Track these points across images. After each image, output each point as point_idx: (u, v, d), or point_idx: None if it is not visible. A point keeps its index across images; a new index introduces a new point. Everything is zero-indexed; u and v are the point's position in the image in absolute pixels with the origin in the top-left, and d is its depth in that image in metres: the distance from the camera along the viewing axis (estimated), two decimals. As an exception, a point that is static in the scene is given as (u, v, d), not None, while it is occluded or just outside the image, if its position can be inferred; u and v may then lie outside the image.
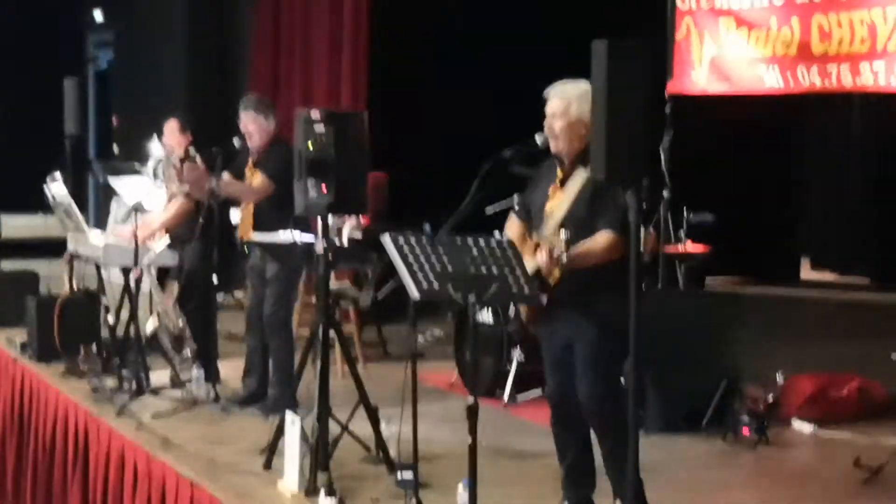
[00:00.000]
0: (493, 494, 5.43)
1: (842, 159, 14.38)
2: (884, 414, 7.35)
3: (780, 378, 7.39)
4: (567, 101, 5.26)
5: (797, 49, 7.89)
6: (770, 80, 8.12)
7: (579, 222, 5.20)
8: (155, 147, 8.07)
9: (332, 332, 6.22)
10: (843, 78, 7.70)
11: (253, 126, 7.45)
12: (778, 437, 6.95)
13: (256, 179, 7.42)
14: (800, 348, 9.13)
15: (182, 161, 7.75)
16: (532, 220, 5.42)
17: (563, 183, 5.31)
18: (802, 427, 7.18)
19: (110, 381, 7.70)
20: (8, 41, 14.79)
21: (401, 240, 4.89)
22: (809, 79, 7.89)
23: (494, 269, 4.79)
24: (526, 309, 5.43)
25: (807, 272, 14.28)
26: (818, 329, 10.15)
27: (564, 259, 4.96)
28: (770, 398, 7.14)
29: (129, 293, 7.90)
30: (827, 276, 14.10)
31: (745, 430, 6.84)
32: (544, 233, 5.31)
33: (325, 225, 6.21)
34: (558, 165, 5.35)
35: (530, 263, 5.01)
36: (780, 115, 12.20)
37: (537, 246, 5.22)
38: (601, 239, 5.13)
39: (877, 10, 7.47)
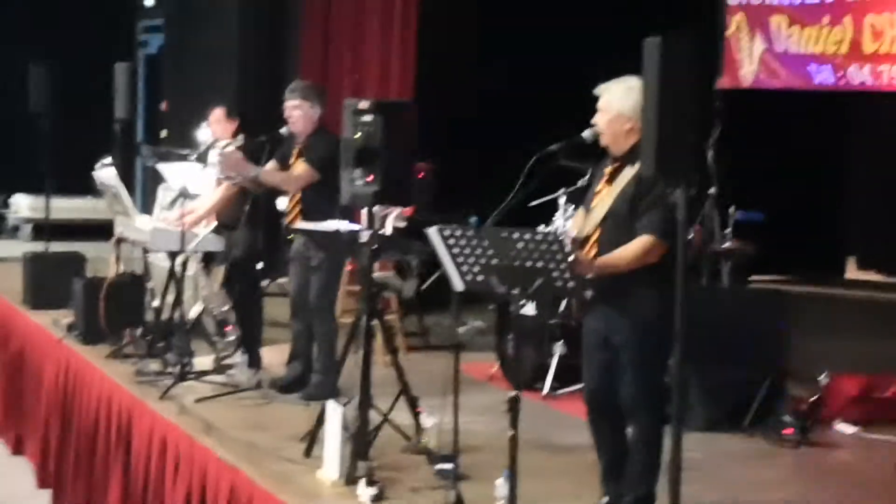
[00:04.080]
0: (532, 487, 5.43)
1: (891, 159, 14.26)
2: (928, 417, 7.30)
3: (823, 378, 7.35)
4: (609, 98, 5.29)
5: (849, 47, 7.85)
6: (820, 78, 8.09)
7: (619, 220, 5.20)
8: (203, 133, 8.11)
9: (374, 321, 6.23)
10: (894, 77, 7.64)
11: (297, 112, 7.45)
12: (820, 437, 6.91)
13: (298, 167, 7.44)
14: (844, 349, 9.07)
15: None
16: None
17: (611, 179, 5.31)
18: (845, 428, 7.13)
19: (154, 365, 7.74)
20: (59, 25, 14.89)
21: (446, 231, 4.90)
22: (860, 77, 7.84)
23: (539, 263, 4.79)
24: (575, 301, 5.44)
25: (853, 272, 14.18)
26: (863, 330, 10.07)
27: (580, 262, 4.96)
28: (813, 398, 7.10)
29: (175, 277, 7.94)
30: (873, 276, 14.00)
31: (788, 430, 6.81)
32: (585, 228, 5.32)
33: (371, 214, 6.22)
34: (610, 162, 5.35)
35: None
36: (830, 114, 12.12)
37: (584, 241, 5.24)
38: (634, 246, 5.13)
39: (930, 11, 7.42)
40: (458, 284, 5.03)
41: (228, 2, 13.11)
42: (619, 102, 5.24)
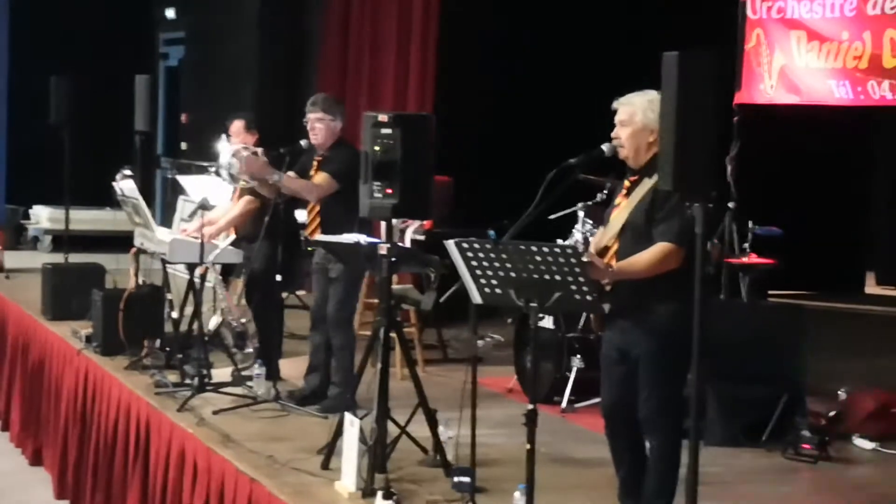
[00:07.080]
0: (549, 501, 5.43)
1: (911, 175, 14.25)
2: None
3: (842, 394, 7.32)
4: (632, 110, 5.28)
5: (868, 62, 7.82)
6: (840, 93, 8.06)
7: (637, 231, 5.20)
8: (223, 146, 8.13)
9: (392, 334, 6.24)
10: (914, 93, 7.63)
11: (320, 125, 7.50)
12: (839, 453, 6.88)
13: (319, 178, 7.47)
14: (863, 364, 9.06)
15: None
16: None
17: (629, 192, 5.31)
18: (864, 444, 7.11)
19: (173, 376, 7.76)
20: (80, 37, 14.97)
21: (465, 244, 4.91)
22: (880, 93, 7.82)
23: (558, 276, 4.79)
24: (594, 315, 5.44)
25: (871, 287, 14.17)
26: (882, 345, 10.06)
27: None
28: (832, 414, 7.08)
29: (194, 289, 7.97)
30: (892, 291, 13.98)
31: (806, 446, 6.79)
32: (603, 240, 5.32)
33: (389, 227, 6.23)
34: (628, 175, 5.35)
35: None
36: (849, 129, 12.12)
37: (602, 252, 5.26)
38: (651, 252, 5.12)
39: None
40: (476, 297, 5.03)
41: (249, 15, 13.17)
42: (643, 114, 5.24)
